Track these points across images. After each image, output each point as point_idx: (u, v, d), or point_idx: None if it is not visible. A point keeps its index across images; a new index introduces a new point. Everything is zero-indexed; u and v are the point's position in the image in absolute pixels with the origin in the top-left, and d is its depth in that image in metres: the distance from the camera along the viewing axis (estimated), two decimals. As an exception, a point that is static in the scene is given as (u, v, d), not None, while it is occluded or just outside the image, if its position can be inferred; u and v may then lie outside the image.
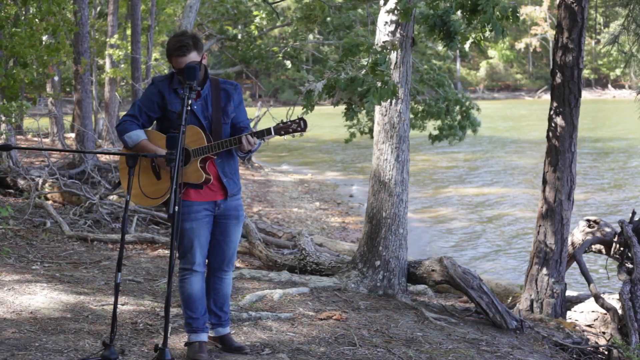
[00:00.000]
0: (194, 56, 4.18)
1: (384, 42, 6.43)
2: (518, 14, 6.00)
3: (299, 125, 4.15)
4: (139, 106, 4.33)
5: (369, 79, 5.80)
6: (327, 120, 31.95)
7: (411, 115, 13.49)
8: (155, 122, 4.45)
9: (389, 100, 6.57)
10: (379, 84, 5.78)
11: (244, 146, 4.15)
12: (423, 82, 13.73)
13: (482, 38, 6.24)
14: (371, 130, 16.03)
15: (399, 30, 6.50)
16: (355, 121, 16.55)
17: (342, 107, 6.42)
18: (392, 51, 6.39)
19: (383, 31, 6.57)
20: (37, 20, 9.84)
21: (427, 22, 6.22)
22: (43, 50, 9.97)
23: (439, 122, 14.66)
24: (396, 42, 6.43)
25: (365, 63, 6.03)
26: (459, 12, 6.11)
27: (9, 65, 10.30)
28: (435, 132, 14.76)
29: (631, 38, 6.62)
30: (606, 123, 33.98)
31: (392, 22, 6.52)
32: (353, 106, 6.06)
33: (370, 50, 6.17)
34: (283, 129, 4.16)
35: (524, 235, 12.51)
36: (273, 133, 4.14)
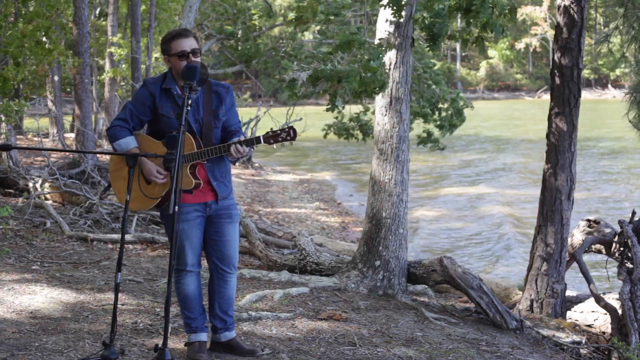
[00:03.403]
0: (194, 43, 4.20)
1: (379, 39, 6.44)
2: (515, 12, 6.00)
3: (289, 134, 4.14)
4: (130, 110, 4.27)
5: (353, 66, 5.84)
6: (326, 120, 31.90)
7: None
8: (147, 124, 4.40)
9: (389, 100, 6.57)
10: (361, 71, 5.81)
11: (232, 154, 4.14)
12: (419, 78, 13.69)
13: (482, 39, 6.24)
14: (344, 130, 15.94)
15: (398, 30, 6.51)
16: (338, 120, 16.46)
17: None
18: (388, 50, 6.39)
19: (382, 31, 6.57)
20: (25, 22, 9.85)
21: (419, 23, 6.22)
22: (37, 50, 9.98)
23: (428, 125, 14.57)
24: (392, 41, 6.43)
25: (359, 57, 6.05)
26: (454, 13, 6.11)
27: (1, 64, 10.35)
28: (424, 135, 14.70)
29: (624, 38, 6.62)
30: (605, 123, 33.97)
31: (391, 22, 6.52)
32: (336, 98, 6.07)
33: (363, 47, 6.17)
34: (272, 137, 4.15)
35: (524, 235, 12.51)
36: (262, 141, 4.14)
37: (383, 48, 6.28)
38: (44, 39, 10.68)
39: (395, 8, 6.02)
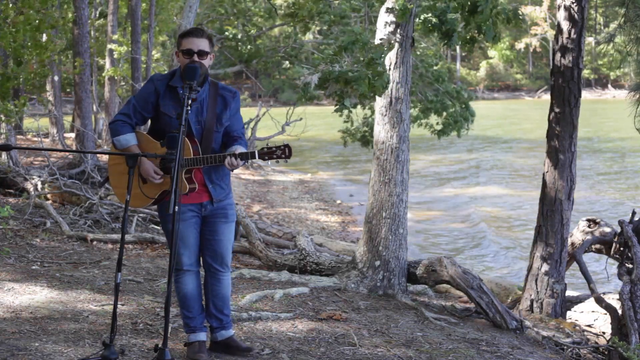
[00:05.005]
0: (205, 45, 4.18)
1: (380, 39, 6.46)
2: (520, 17, 6.01)
3: (284, 152, 4.13)
4: (133, 105, 4.26)
5: (362, 69, 5.87)
6: (326, 120, 31.97)
7: (412, 112, 13.43)
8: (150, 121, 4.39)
9: (389, 100, 6.58)
10: (370, 74, 5.86)
11: (226, 165, 4.13)
12: (422, 77, 13.67)
13: (476, 40, 6.28)
14: (363, 137, 15.95)
15: (398, 30, 6.51)
16: (349, 124, 16.50)
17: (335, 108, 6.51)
18: (390, 50, 6.40)
19: (383, 31, 6.58)
20: (15, 13, 9.82)
21: (425, 24, 6.24)
22: (36, 50, 9.96)
23: (442, 117, 14.54)
24: (392, 41, 6.45)
25: (362, 59, 6.09)
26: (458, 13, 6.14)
27: (5, 63, 10.33)
28: (439, 127, 14.68)
29: (626, 38, 6.62)
30: (605, 122, 33.98)
31: (391, 22, 6.52)
32: (344, 98, 6.11)
33: (366, 47, 6.20)
34: (267, 154, 4.14)
35: (524, 235, 12.51)
36: (257, 157, 4.14)
37: (385, 48, 6.30)
38: (37, 34, 10.66)
39: (400, 12, 6.08)
